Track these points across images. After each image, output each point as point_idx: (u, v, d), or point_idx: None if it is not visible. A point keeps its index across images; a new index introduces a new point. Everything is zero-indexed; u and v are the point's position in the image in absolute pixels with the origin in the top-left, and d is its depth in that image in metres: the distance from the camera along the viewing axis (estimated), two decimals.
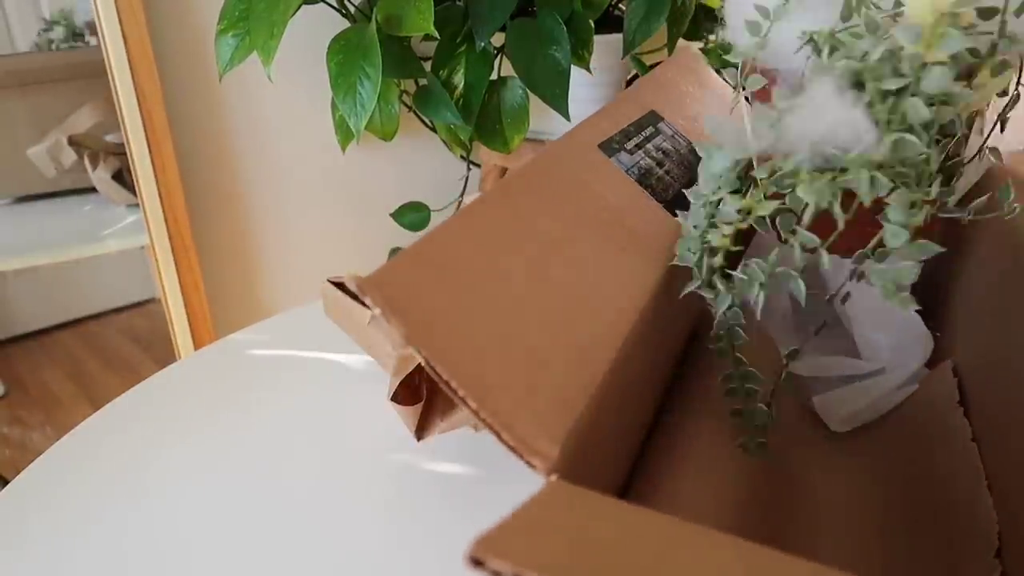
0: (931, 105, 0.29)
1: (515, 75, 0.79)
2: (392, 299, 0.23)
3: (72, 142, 1.00)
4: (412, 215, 0.98)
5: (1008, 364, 0.35)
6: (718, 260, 0.33)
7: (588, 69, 0.81)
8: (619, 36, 0.82)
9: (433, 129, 0.96)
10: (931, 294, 0.36)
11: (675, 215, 0.38)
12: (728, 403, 0.36)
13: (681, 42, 0.90)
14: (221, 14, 0.75)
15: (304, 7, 0.73)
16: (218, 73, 0.76)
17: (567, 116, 0.77)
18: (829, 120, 0.28)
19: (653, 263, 0.34)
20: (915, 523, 0.35)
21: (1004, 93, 0.38)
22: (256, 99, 0.96)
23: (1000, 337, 0.37)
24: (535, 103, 0.80)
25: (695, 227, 0.33)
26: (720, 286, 0.33)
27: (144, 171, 0.88)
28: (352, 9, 0.84)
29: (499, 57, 0.83)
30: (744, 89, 0.36)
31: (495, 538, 0.16)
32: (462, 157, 1.00)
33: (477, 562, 0.16)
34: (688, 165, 0.44)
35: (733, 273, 0.33)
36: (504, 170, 0.95)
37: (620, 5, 0.92)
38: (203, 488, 0.42)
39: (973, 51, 0.30)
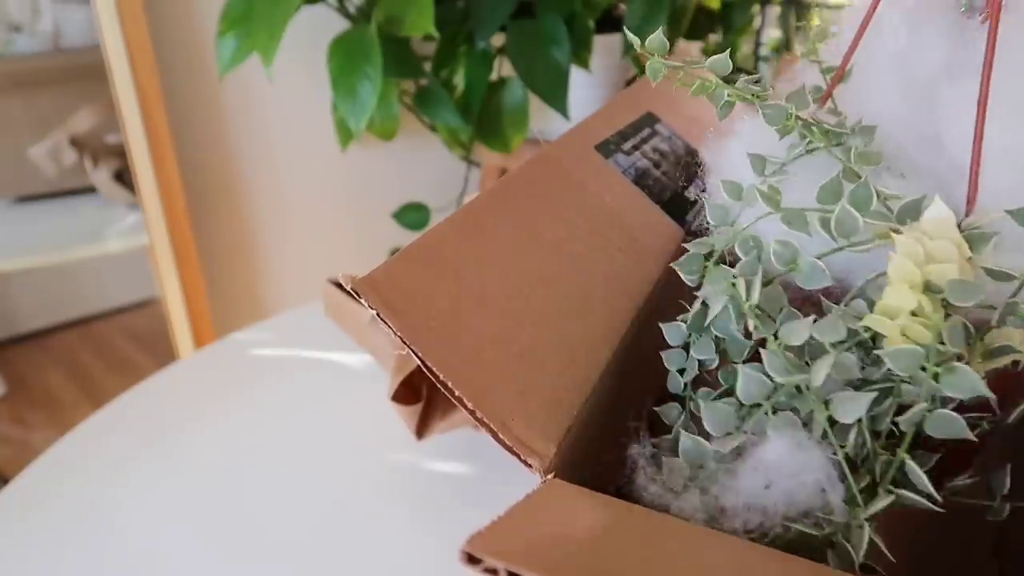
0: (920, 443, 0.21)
1: (515, 75, 0.79)
2: (389, 300, 0.23)
3: (73, 142, 1.00)
4: (412, 215, 0.98)
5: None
6: None
7: (588, 69, 0.81)
8: (619, 36, 0.82)
9: (433, 129, 0.96)
10: None
11: (671, 215, 0.38)
12: None
13: (681, 42, 0.90)
14: (221, 14, 0.75)
15: (304, 7, 0.73)
16: (218, 73, 0.76)
17: (567, 116, 0.77)
18: (786, 485, 0.21)
19: (651, 264, 0.34)
20: (918, 522, 0.35)
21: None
22: (256, 99, 0.96)
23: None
24: (535, 103, 0.81)
25: None
26: None
27: (144, 171, 0.88)
28: (352, 10, 0.84)
29: (499, 57, 0.83)
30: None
31: (490, 535, 0.16)
32: (462, 157, 1.00)
33: (472, 559, 0.16)
34: (685, 166, 0.44)
35: None
36: (504, 170, 0.96)
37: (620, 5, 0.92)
38: (203, 486, 0.42)
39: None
